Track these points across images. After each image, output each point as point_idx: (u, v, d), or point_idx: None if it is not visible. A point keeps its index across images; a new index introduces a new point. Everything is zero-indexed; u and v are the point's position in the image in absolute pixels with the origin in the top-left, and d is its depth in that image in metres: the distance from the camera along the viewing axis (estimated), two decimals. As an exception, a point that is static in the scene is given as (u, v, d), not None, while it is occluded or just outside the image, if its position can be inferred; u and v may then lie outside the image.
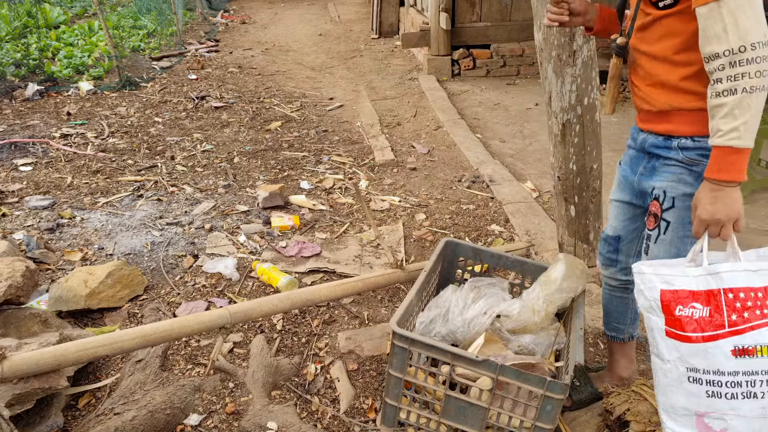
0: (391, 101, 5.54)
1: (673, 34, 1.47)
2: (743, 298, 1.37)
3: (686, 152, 1.52)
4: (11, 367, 1.65)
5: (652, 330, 1.43)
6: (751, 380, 1.35)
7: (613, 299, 1.96)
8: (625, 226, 1.81)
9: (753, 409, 1.35)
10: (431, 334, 1.97)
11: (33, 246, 2.86)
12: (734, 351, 1.34)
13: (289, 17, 9.74)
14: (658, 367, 1.44)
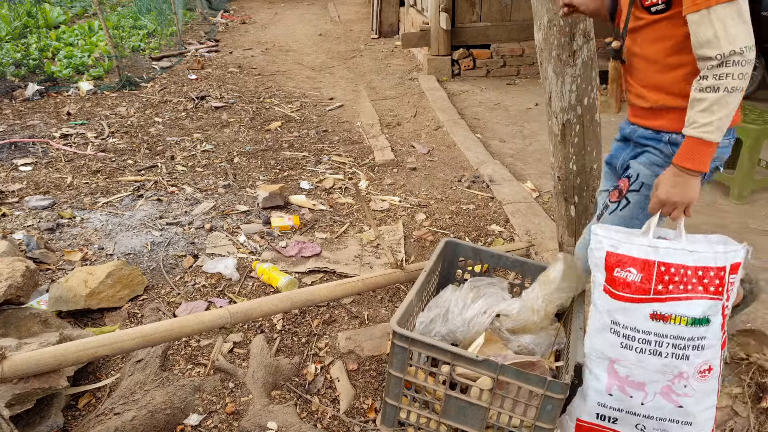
0: (391, 101, 5.54)
1: (666, 37, 1.54)
2: (672, 273, 1.56)
3: (674, 147, 1.62)
4: (11, 367, 1.65)
5: (594, 284, 1.63)
6: (660, 341, 1.57)
7: None
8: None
9: (656, 365, 1.58)
10: (431, 333, 1.97)
11: (33, 246, 2.86)
12: (652, 315, 1.56)
13: (289, 17, 9.74)
14: (592, 313, 1.65)
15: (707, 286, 1.56)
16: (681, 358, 1.57)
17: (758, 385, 1.88)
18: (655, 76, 1.61)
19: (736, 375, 1.93)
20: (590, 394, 1.66)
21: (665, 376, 1.59)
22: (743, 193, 3.41)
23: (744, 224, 3.20)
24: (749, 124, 3.37)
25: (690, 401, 1.59)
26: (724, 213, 3.33)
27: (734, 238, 2.97)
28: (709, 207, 3.40)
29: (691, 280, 1.56)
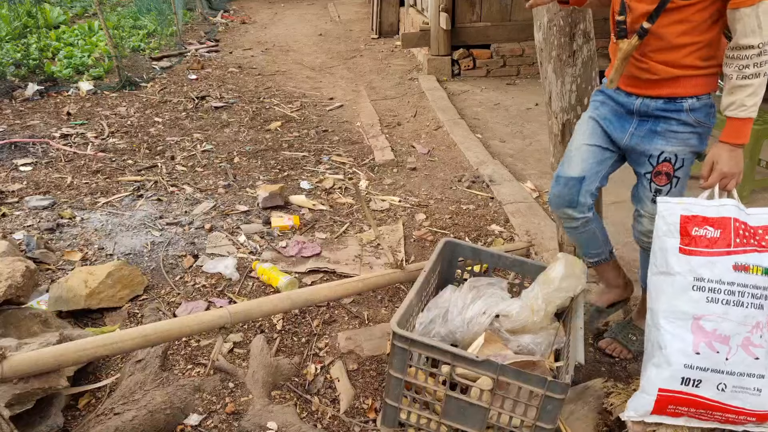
0: (391, 101, 5.54)
1: (686, 21, 1.71)
2: (745, 228, 1.70)
3: (695, 113, 1.81)
4: (11, 367, 1.65)
5: (666, 251, 1.73)
6: (742, 291, 1.66)
7: (581, 236, 2.15)
8: (591, 167, 2.00)
9: (738, 315, 1.65)
10: (431, 334, 1.97)
11: (33, 246, 2.85)
12: (735, 266, 1.66)
13: (289, 17, 9.74)
14: (663, 281, 1.73)
15: (749, 238, 1.68)
16: (758, 307, 1.65)
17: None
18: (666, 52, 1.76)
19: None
20: (675, 357, 1.68)
21: (745, 328, 1.65)
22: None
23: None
24: (749, 124, 3.37)
25: (764, 352, 1.66)
26: (724, 213, 3.32)
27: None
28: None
29: (764, 237, 1.69)
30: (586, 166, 1.99)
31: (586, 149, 1.99)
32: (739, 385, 1.68)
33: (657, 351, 1.73)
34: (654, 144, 1.87)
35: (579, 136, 2.03)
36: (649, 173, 1.91)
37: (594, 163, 1.99)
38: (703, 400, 1.70)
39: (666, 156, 1.86)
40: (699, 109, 1.81)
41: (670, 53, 1.76)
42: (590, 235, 2.14)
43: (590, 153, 1.99)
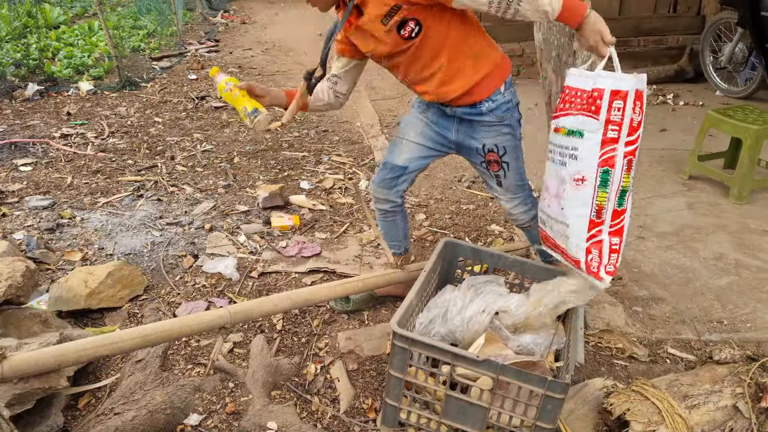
0: (391, 101, 5.54)
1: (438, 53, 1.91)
2: (573, 94, 1.82)
3: (494, 112, 2.02)
4: (11, 367, 1.65)
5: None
6: (555, 150, 1.90)
7: (386, 223, 2.40)
8: (415, 161, 2.22)
9: (553, 172, 1.93)
10: (431, 334, 1.97)
11: (33, 246, 2.85)
12: (555, 128, 1.89)
13: (289, 17, 9.74)
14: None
15: (587, 106, 1.78)
16: (562, 164, 1.87)
17: (758, 385, 1.88)
18: (447, 80, 1.96)
19: (736, 375, 1.93)
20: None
21: (557, 180, 1.90)
22: (743, 193, 3.41)
23: (744, 224, 3.20)
24: (749, 125, 3.37)
25: (566, 204, 1.87)
26: (724, 213, 3.33)
27: (734, 238, 2.98)
28: (709, 207, 3.40)
29: (580, 102, 1.80)
30: (411, 158, 2.21)
31: (414, 146, 2.20)
32: (555, 228, 1.95)
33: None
34: (476, 138, 2.09)
35: (410, 130, 2.21)
36: (484, 162, 2.14)
37: (419, 159, 2.22)
38: (548, 236, 2.01)
39: (489, 147, 2.09)
40: (497, 107, 2.01)
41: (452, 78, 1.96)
42: (393, 225, 2.41)
43: (417, 150, 2.20)
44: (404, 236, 2.47)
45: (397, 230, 2.43)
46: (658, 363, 2.25)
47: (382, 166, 2.29)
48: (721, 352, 2.04)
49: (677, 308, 2.54)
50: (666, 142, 4.30)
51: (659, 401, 1.79)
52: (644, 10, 6.08)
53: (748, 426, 1.82)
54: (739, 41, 5.03)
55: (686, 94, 5.36)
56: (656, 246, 3.00)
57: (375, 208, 2.40)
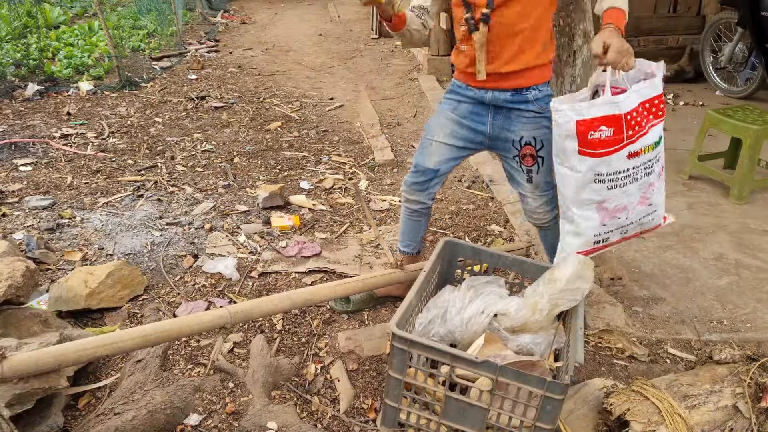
0: (391, 101, 5.54)
1: (528, 14, 1.93)
2: (635, 116, 1.86)
3: (538, 102, 2.04)
4: (11, 367, 1.65)
5: (567, 151, 1.91)
6: (636, 170, 1.94)
7: (410, 222, 2.42)
8: (446, 163, 2.23)
9: (634, 188, 1.97)
10: (430, 334, 1.97)
11: (33, 246, 2.86)
12: (629, 155, 1.90)
13: (289, 17, 9.74)
14: (568, 174, 1.95)
15: (656, 112, 1.91)
16: (650, 174, 1.97)
17: (758, 385, 1.88)
18: (519, 45, 1.96)
19: (736, 375, 1.93)
20: (586, 231, 2.03)
21: (640, 191, 1.99)
22: (743, 193, 3.41)
23: (744, 224, 3.20)
24: (749, 125, 3.37)
25: (655, 197, 2.04)
26: (724, 213, 3.33)
27: (734, 238, 2.98)
28: (709, 207, 3.40)
29: (646, 115, 1.89)
30: (441, 161, 2.22)
31: (444, 147, 2.21)
32: (638, 224, 2.07)
33: (571, 225, 2.03)
34: (512, 131, 2.10)
35: (439, 131, 2.21)
36: (517, 156, 2.13)
37: (450, 160, 2.23)
38: (610, 244, 2.10)
39: (526, 140, 2.09)
40: (542, 98, 2.04)
41: (512, 41, 1.96)
42: (417, 224, 2.43)
43: (448, 151, 2.21)
44: (420, 239, 2.50)
45: (418, 230, 2.46)
46: (658, 363, 2.25)
47: (413, 169, 2.30)
48: (721, 352, 2.04)
49: (677, 308, 2.54)
50: (666, 142, 4.25)
51: (659, 401, 1.79)
52: (644, 10, 6.08)
53: (748, 426, 1.82)
54: (739, 41, 5.03)
55: (686, 94, 5.36)
56: (656, 246, 3.00)
57: (403, 206, 2.41)
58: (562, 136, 1.89)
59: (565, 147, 1.91)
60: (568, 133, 1.87)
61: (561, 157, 1.95)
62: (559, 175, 2.00)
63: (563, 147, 1.91)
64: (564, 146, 1.91)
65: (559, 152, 1.95)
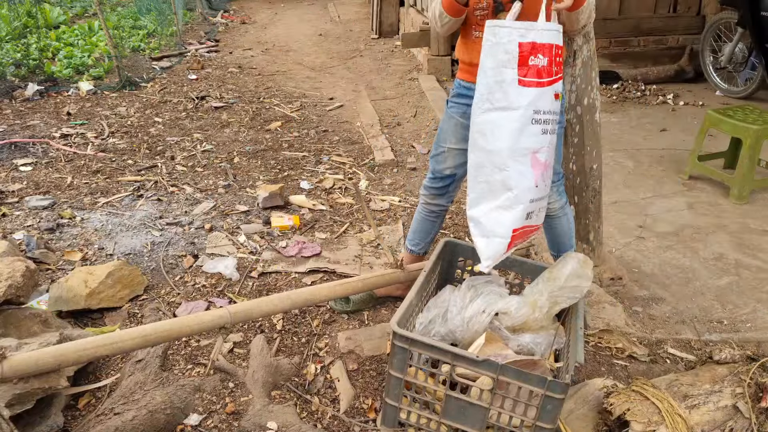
0: (391, 101, 5.54)
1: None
2: (557, 54, 1.73)
3: None
4: (11, 367, 1.65)
5: (504, 83, 1.69)
6: (554, 118, 1.77)
7: (426, 222, 2.43)
8: (462, 166, 2.17)
9: (549, 142, 1.79)
10: (431, 334, 1.96)
11: (33, 246, 2.85)
12: (555, 95, 1.75)
13: (289, 17, 9.74)
14: (503, 118, 1.71)
15: (560, 65, 1.75)
16: (554, 133, 1.80)
17: (758, 385, 1.88)
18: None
19: (736, 375, 1.93)
20: (523, 195, 1.77)
21: (552, 148, 1.82)
22: (743, 193, 3.41)
23: (744, 224, 3.20)
24: (749, 125, 3.37)
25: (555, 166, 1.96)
26: (724, 213, 3.33)
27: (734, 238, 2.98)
28: (709, 207, 3.40)
29: (558, 61, 1.74)
30: (456, 166, 2.22)
31: (457, 152, 2.18)
32: (542, 207, 1.88)
33: (504, 193, 1.76)
34: None
35: (450, 136, 2.19)
36: None
37: (464, 163, 2.11)
38: (529, 228, 1.85)
39: None
40: None
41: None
42: (431, 225, 2.44)
43: (461, 155, 2.14)
44: (430, 241, 2.52)
45: (431, 231, 2.48)
46: (658, 363, 2.25)
47: (430, 175, 2.31)
48: (721, 352, 2.04)
49: (677, 308, 2.54)
50: (666, 142, 4.30)
51: (659, 401, 1.79)
52: (644, 10, 6.08)
53: (748, 426, 1.82)
54: (739, 41, 5.03)
55: (686, 94, 5.36)
56: (656, 246, 3.00)
57: (422, 206, 2.43)
58: (502, 62, 1.68)
59: (503, 78, 1.69)
60: (509, 57, 1.67)
61: (494, 94, 1.72)
62: (489, 123, 1.75)
63: (501, 78, 1.70)
64: (502, 77, 1.69)
65: (491, 89, 1.72)
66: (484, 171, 1.80)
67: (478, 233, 1.86)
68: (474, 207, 1.87)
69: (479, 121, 1.77)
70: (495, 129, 1.73)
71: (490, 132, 1.74)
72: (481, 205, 1.83)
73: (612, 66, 5.75)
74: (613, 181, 3.70)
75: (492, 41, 1.69)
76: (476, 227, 1.86)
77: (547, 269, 2.05)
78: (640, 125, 4.65)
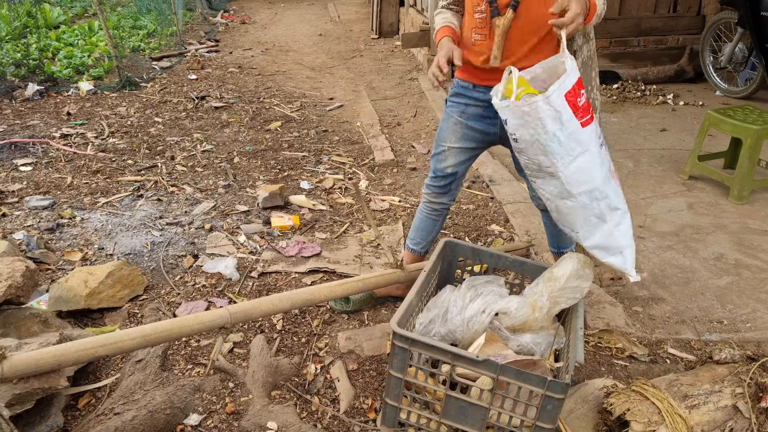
0: (391, 101, 5.54)
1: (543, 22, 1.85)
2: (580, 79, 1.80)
3: None
4: (11, 367, 1.65)
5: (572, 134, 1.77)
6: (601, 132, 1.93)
7: (428, 220, 2.45)
8: (463, 164, 2.26)
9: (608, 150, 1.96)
10: (430, 334, 1.96)
11: (33, 246, 2.86)
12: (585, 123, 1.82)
13: (289, 17, 9.74)
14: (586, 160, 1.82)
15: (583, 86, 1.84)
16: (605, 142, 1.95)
17: (758, 385, 1.88)
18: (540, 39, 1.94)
19: (736, 375, 1.93)
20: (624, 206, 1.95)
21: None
22: (743, 193, 3.41)
23: (744, 224, 3.20)
24: (749, 125, 3.37)
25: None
26: (724, 213, 3.33)
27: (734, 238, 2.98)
28: (709, 207, 3.40)
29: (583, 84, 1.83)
30: (458, 164, 2.25)
31: (457, 151, 2.22)
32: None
33: (612, 214, 1.90)
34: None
35: (450, 135, 2.22)
36: None
37: (466, 161, 2.26)
38: None
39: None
40: None
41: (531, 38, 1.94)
42: (433, 224, 2.46)
43: (462, 154, 2.23)
44: (432, 240, 2.52)
45: (433, 229, 2.48)
46: (658, 363, 2.25)
47: (432, 174, 2.33)
48: (721, 352, 2.04)
49: (677, 308, 2.54)
50: (666, 142, 4.30)
51: (659, 401, 1.79)
52: (644, 10, 6.08)
53: (748, 426, 1.82)
54: (739, 41, 5.04)
55: (686, 94, 5.36)
56: (656, 246, 3.00)
57: (423, 205, 2.44)
58: (563, 121, 1.74)
59: (570, 130, 1.76)
60: (563, 113, 1.74)
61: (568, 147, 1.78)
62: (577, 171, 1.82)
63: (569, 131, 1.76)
64: (569, 130, 1.76)
65: (562, 144, 1.77)
66: (588, 208, 1.90)
67: (607, 255, 1.96)
68: (590, 238, 1.95)
69: (567, 173, 1.83)
70: (584, 173, 1.84)
71: (582, 177, 1.84)
72: (597, 234, 1.93)
73: (612, 66, 5.75)
74: (613, 181, 3.69)
75: (550, 110, 1.73)
76: (603, 251, 1.95)
77: (547, 269, 2.05)
78: (640, 125, 4.65)
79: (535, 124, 1.75)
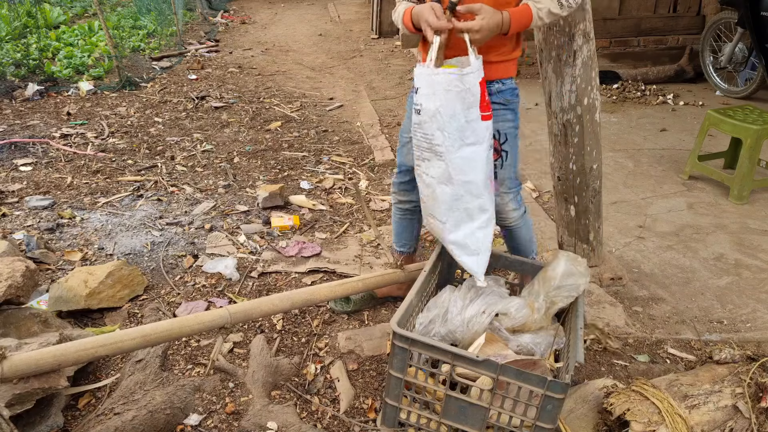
0: (391, 101, 5.54)
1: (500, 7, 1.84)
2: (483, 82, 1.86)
3: (503, 94, 2.03)
4: (11, 367, 1.65)
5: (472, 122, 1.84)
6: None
7: (404, 221, 2.43)
8: None
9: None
10: (431, 334, 1.96)
11: (33, 246, 2.85)
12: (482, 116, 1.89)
13: (289, 17, 9.74)
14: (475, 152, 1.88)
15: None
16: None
17: (758, 385, 1.88)
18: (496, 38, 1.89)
19: (736, 375, 1.93)
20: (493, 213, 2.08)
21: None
22: (743, 193, 3.41)
23: (744, 224, 3.21)
24: (749, 125, 3.37)
25: None
26: (724, 213, 3.33)
27: (734, 238, 2.99)
28: (709, 207, 3.40)
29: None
30: None
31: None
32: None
33: (481, 215, 1.98)
34: None
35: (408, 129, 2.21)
36: None
37: None
38: None
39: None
40: (505, 90, 2.03)
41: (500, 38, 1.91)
42: (409, 224, 2.44)
43: None
44: (416, 237, 2.52)
45: (412, 229, 2.47)
46: (658, 363, 2.25)
47: (398, 170, 2.32)
48: (721, 352, 2.04)
49: (677, 308, 2.54)
50: (666, 142, 4.30)
51: (659, 401, 1.79)
52: (644, 10, 6.08)
53: (748, 426, 1.82)
54: (739, 41, 5.04)
55: (686, 94, 5.36)
56: (656, 246, 3.00)
57: (394, 207, 2.43)
58: (468, 104, 1.81)
59: (471, 117, 1.83)
60: (473, 99, 1.81)
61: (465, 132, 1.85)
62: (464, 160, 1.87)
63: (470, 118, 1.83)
64: (471, 116, 1.83)
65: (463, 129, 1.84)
66: (462, 200, 1.94)
67: (464, 254, 2.00)
68: (454, 232, 1.99)
69: (454, 158, 1.87)
70: (470, 163, 1.88)
71: (467, 166, 1.88)
72: (461, 229, 1.98)
73: (612, 66, 5.75)
74: (613, 181, 3.70)
75: (461, 87, 1.80)
76: (461, 249, 2.00)
77: (540, 270, 2.06)
78: (640, 125, 4.65)
79: (443, 97, 1.81)
